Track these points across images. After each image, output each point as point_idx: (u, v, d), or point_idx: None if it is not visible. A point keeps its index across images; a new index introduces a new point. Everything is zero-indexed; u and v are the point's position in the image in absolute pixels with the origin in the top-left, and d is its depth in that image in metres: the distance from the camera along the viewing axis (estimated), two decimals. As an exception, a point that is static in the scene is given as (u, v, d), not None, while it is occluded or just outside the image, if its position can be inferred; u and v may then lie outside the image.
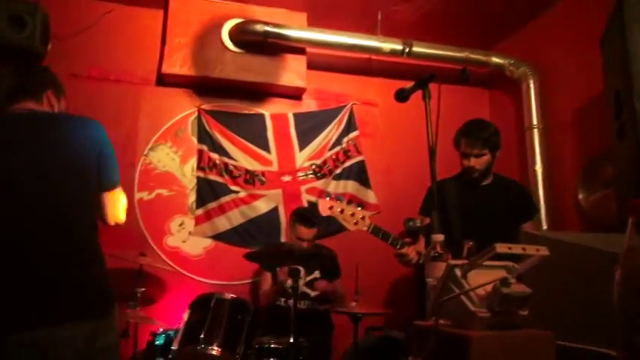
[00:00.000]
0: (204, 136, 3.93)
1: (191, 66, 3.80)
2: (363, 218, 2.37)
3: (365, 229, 2.36)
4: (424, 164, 2.75)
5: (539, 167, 3.76)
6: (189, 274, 3.75)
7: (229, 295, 2.51)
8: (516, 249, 1.29)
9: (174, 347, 2.35)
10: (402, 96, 2.08)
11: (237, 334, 2.40)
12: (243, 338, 2.40)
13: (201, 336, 2.32)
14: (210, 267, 3.80)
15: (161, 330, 2.66)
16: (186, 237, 3.79)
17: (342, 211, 2.34)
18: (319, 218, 3.42)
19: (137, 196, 3.76)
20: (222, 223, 3.85)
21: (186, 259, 3.77)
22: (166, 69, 3.78)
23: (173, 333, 2.56)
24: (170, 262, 3.72)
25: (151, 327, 3.00)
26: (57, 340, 1.37)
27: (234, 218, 3.87)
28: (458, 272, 1.31)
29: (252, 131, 4.03)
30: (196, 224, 3.82)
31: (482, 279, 1.28)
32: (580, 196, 3.43)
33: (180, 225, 3.81)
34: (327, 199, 2.37)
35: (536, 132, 3.84)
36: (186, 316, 2.47)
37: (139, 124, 3.87)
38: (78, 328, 1.41)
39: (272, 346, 2.67)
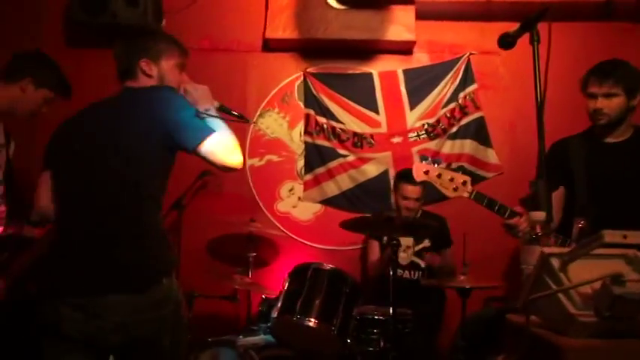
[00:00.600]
0: (310, 99, 3.85)
1: (294, 28, 3.70)
2: (464, 183, 2.11)
3: (466, 195, 2.11)
4: (553, 119, 2.40)
5: None
6: (300, 239, 3.77)
7: (327, 266, 2.45)
8: (635, 237, 0.99)
9: (273, 315, 2.36)
10: (506, 42, 1.76)
11: (334, 305, 2.34)
12: (340, 309, 2.33)
13: (298, 306, 2.29)
14: (320, 232, 3.79)
15: (264, 297, 2.70)
16: (296, 202, 3.81)
17: (439, 176, 2.11)
18: None
19: (249, 162, 3.83)
20: (331, 188, 3.79)
21: (297, 224, 3.80)
22: (270, 33, 3.73)
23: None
24: (281, 227, 3.77)
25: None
26: (102, 307, 1.55)
27: (342, 183, 3.78)
28: (555, 263, 1.04)
29: (360, 92, 3.84)
30: (305, 189, 3.81)
31: (588, 273, 1.01)
32: None
33: (290, 190, 3.83)
34: (423, 162, 2.15)
35: None
36: (285, 285, 2.46)
37: (247, 91, 3.91)
38: (118, 299, 1.55)
39: (375, 317, 2.58)
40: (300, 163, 3.84)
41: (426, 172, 2.11)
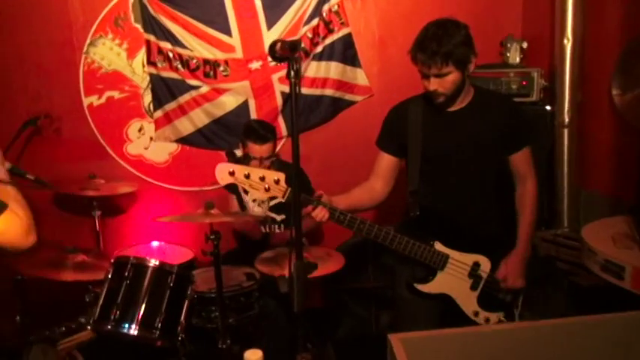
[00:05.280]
0: (149, 22, 3.25)
1: None
2: (276, 182, 1.86)
3: (279, 194, 1.87)
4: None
5: (568, 41, 2.84)
6: (158, 183, 3.47)
7: (149, 261, 2.22)
8: None
9: (93, 317, 2.18)
10: (274, 57, 1.42)
11: (156, 304, 2.16)
12: (164, 306, 2.17)
13: (114, 313, 2.12)
14: (179, 173, 3.49)
15: (90, 287, 2.49)
16: (148, 143, 3.43)
17: (247, 176, 1.84)
18: (273, 131, 2.93)
19: (85, 101, 3.32)
20: (185, 126, 3.40)
21: (152, 167, 3.46)
22: (83, -59, 2.99)
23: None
24: (134, 171, 3.43)
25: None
26: None
27: (197, 119, 3.39)
28: None
29: (208, 10, 3.26)
30: (157, 128, 3.40)
31: None
32: (614, 92, 2.60)
33: (140, 130, 3.42)
34: (228, 162, 1.86)
35: (571, -11, 2.82)
36: (107, 276, 2.24)
37: (70, 14, 3.24)
38: None
39: (212, 295, 2.48)
40: (147, 98, 3.37)
41: (232, 173, 1.82)
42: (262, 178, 1.86)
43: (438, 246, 2.08)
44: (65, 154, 3.34)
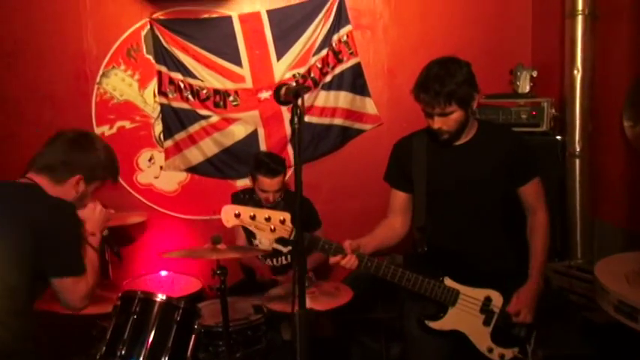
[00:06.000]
0: (161, 53, 3.31)
1: (127, -33, 3.05)
2: (282, 222, 1.85)
3: (285, 235, 1.86)
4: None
5: (578, 72, 2.83)
6: (168, 212, 3.48)
7: (156, 296, 2.21)
8: None
9: (100, 353, 2.17)
10: (279, 101, 1.43)
11: (163, 340, 2.13)
12: (170, 342, 2.14)
13: (120, 349, 2.10)
14: (188, 202, 3.50)
15: (98, 321, 2.48)
16: (158, 172, 3.45)
17: (253, 217, 1.83)
18: (283, 164, 2.92)
19: (97, 131, 3.36)
20: (194, 155, 3.42)
21: (162, 196, 3.48)
22: (98, -25, 3.06)
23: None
24: (144, 200, 3.45)
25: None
26: None
27: (207, 149, 3.41)
28: None
29: (218, 40, 3.32)
30: (167, 158, 3.43)
31: None
32: (625, 124, 2.57)
33: (150, 160, 3.44)
34: (233, 204, 1.86)
35: (579, 21, 2.81)
36: (114, 311, 2.23)
37: (83, 46, 3.30)
38: None
39: (218, 329, 2.44)
40: (158, 128, 3.41)
41: (237, 215, 1.82)
42: (268, 219, 1.85)
43: (448, 282, 2.05)
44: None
